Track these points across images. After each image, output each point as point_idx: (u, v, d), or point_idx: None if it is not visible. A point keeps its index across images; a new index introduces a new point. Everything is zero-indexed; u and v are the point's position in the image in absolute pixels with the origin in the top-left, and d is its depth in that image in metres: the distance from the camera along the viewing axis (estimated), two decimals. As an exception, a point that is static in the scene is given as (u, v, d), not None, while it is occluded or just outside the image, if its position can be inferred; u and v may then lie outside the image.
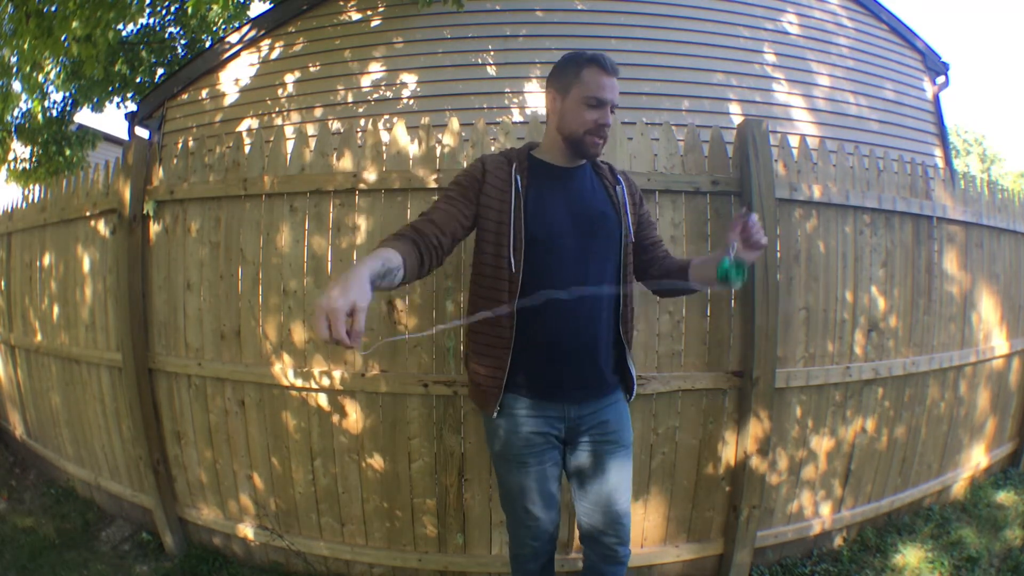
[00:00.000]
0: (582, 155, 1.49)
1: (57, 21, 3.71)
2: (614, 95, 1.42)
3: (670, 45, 4.77)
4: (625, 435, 1.56)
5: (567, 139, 1.47)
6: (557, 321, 1.43)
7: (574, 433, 1.52)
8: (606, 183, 1.56)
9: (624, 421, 1.57)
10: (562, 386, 1.48)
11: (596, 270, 1.47)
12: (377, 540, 2.20)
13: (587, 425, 1.51)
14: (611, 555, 1.56)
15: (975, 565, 2.28)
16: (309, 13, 5.13)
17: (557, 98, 1.46)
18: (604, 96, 1.40)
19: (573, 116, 1.43)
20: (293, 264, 2.17)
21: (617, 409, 1.55)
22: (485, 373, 1.49)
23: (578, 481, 1.57)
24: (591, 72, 1.40)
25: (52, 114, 7.09)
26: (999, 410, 3.03)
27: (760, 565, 2.26)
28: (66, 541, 2.57)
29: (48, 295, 2.97)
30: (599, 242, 1.48)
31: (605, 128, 1.43)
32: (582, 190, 1.52)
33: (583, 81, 1.41)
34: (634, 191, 1.62)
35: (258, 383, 2.22)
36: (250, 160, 2.25)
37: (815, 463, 2.32)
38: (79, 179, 2.79)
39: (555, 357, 1.45)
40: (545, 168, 1.51)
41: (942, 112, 5.80)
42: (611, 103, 1.42)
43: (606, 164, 1.62)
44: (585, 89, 1.40)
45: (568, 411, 1.49)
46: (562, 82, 1.45)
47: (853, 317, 2.34)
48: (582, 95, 1.41)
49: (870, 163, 2.41)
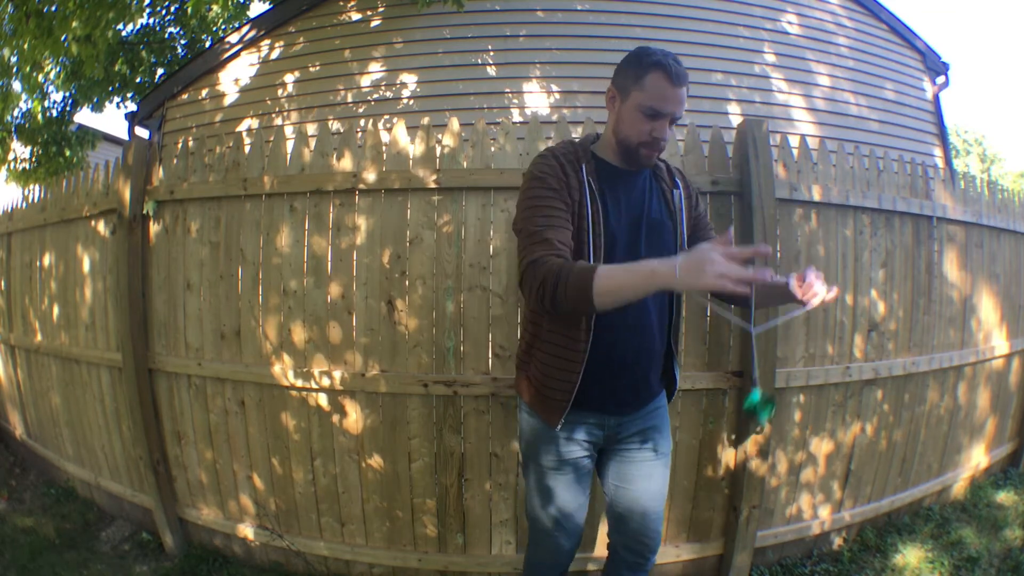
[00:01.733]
0: (634, 165, 1.41)
1: (57, 21, 3.71)
2: (677, 107, 1.29)
3: (670, 45, 4.69)
4: (663, 443, 1.51)
5: (620, 144, 1.38)
6: (624, 334, 1.38)
7: (612, 440, 1.49)
8: (664, 187, 1.48)
9: (664, 429, 1.53)
10: (615, 399, 1.43)
11: None
12: (377, 540, 2.20)
13: (626, 432, 1.47)
14: (639, 563, 1.52)
15: (975, 565, 2.28)
16: (309, 13, 5.13)
17: (616, 98, 1.36)
18: (665, 109, 1.28)
19: (629, 123, 1.33)
20: (293, 264, 2.17)
21: (659, 415, 1.51)
22: (555, 386, 1.41)
23: (613, 487, 1.52)
24: (655, 79, 1.27)
25: (52, 114, 7.09)
26: (999, 410, 3.03)
27: (760, 565, 2.26)
28: (66, 541, 2.57)
29: (48, 295, 2.97)
30: (658, 245, 1.40)
31: (662, 142, 1.33)
32: (641, 194, 1.43)
33: (644, 88, 1.28)
34: (691, 193, 1.54)
35: (258, 383, 2.22)
36: (250, 160, 2.25)
37: (815, 463, 2.32)
38: (79, 179, 2.80)
39: (618, 372, 1.41)
40: (609, 170, 1.42)
41: (942, 112, 5.80)
42: (672, 116, 1.31)
43: (664, 163, 1.52)
44: (646, 97, 1.28)
45: (608, 420, 1.45)
46: (623, 83, 1.33)
47: (853, 317, 2.34)
48: (640, 102, 1.29)
49: (870, 163, 2.41)
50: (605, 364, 1.39)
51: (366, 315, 2.11)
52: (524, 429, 1.52)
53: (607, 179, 1.40)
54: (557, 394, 1.40)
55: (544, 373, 1.43)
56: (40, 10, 3.70)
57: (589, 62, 4.66)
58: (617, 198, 1.40)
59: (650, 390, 1.49)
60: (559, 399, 1.40)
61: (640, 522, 1.49)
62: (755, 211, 2.05)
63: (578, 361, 1.37)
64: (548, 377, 1.41)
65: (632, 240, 1.39)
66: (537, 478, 1.50)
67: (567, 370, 1.38)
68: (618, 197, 1.40)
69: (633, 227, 1.39)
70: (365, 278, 2.11)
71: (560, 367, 1.39)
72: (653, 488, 1.49)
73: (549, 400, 1.42)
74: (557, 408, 1.41)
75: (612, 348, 1.38)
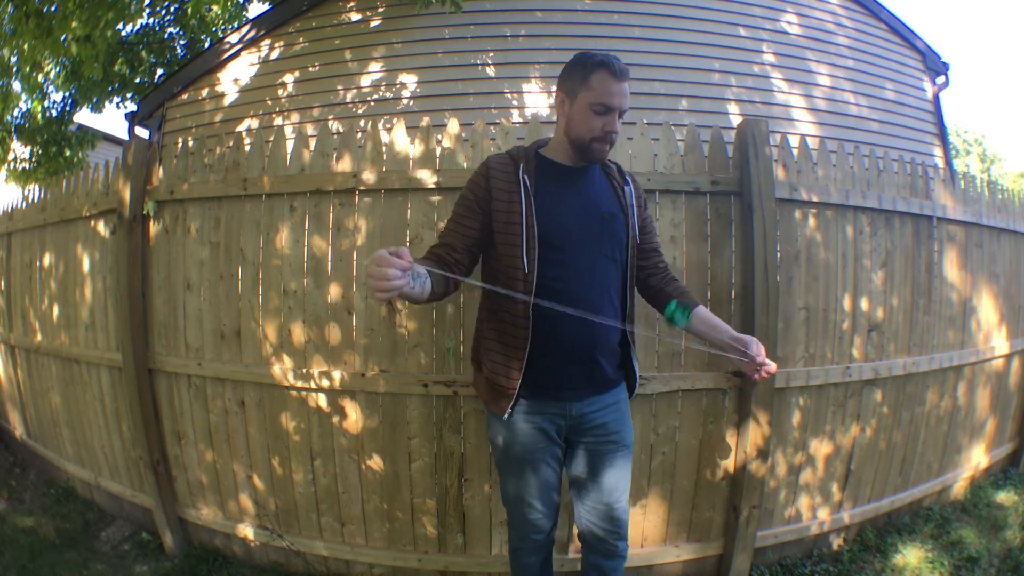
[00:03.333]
0: (588, 160, 1.48)
1: (57, 21, 3.71)
2: (623, 101, 1.39)
3: (670, 45, 4.77)
4: (626, 435, 1.57)
5: (573, 143, 1.45)
6: (568, 321, 1.42)
7: (575, 432, 1.53)
8: (614, 183, 1.56)
9: (625, 421, 1.58)
10: (569, 385, 1.48)
11: (604, 270, 1.48)
12: (377, 540, 2.20)
13: (588, 424, 1.52)
14: (610, 550, 1.58)
15: (975, 565, 2.28)
16: (309, 13, 5.13)
17: (565, 101, 1.44)
18: (612, 103, 1.37)
19: (580, 122, 1.41)
20: (293, 264, 2.17)
21: (619, 409, 1.56)
22: (501, 373, 1.49)
23: (579, 480, 1.58)
24: (599, 77, 1.37)
25: (52, 114, 7.08)
26: (999, 410, 3.03)
27: (760, 565, 2.26)
28: (66, 541, 2.57)
29: (48, 295, 2.97)
30: (607, 242, 1.48)
31: (613, 135, 1.41)
32: (591, 190, 1.52)
33: (591, 86, 1.38)
34: (640, 194, 1.62)
35: (258, 383, 2.22)
36: (250, 160, 2.25)
37: (815, 463, 2.32)
38: (79, 179, 2.79)
39: (566, 357, 1.47)
40: (554, 168, 1.50)
41: (942, 112, 5.80)
42: (619, 109, 1.39)
43: (614, 164, 1.61)
44: (593, 95, 1.38)
45: (570, 409, 1.50)
46: (570, 85, 1.42)
47: (853, 317, 2.34)
48: (589, 101, 1.38)
49: (870, 163, 2.41)
50: (550, 350, 1.45)
51: (366, 315, 2.11)
52: (489, 421, 1.60)
53: (552, 177, 1.49)
54: (504, 380, 1.48)
55: (491, 365, 1.51)
56: (40, 10, 3.70)
57: (589, 62, 4.65)
58: (563, 194, 1.48)
59: (605, 376, 1.52)
60: (506, 386, 1.48)
61: (608, 512, 1.55)
62: (755, 211, 2.05)
63: (521, 348, 1.44)
64: (496, 365, 1.50)
65: (588, 233, 1.46)
66: (503, 466, 1.59)
67: (511, 356, 1.46)
68: (565, 193, 1.48)
69: (587, 221, 1.47)
70: (365, 278, 2.11)
71: (505, 354, 1.47)
72: (616, 479, 1.54)
73: (498, 388, 1.50)
74: (504, 396, 1.48)
75: (554, 334, 1.44)
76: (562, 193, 1.48)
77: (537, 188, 1.46)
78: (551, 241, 1.43)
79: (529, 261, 1.42)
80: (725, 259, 2.14)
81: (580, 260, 1.45)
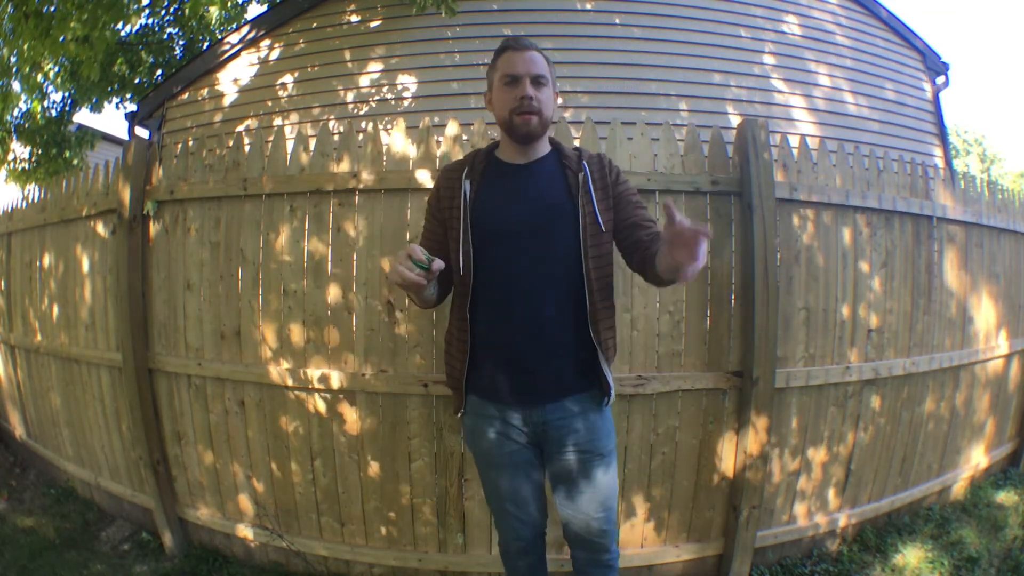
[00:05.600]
0: (520, 139, 1.43)
1: (56, 21, 3.71)
2: (528, 67, 1.39)
3: (670, 45, 4.77)
4: (599, 443, 1.47)
5: (504, 128, 1.46)
6: (502, 323, 1.42)
7: (544, 439, 1.47)
8: (568, 172, 1.47)
9: (597, 430, 1.47)
10: (519, 389, 1.44)
11: (552, 267, 1.42)
12: (377, 540, 2.20)
13: (556, 433, 1.45)
14: (596, 559, 1.56)
15: (975, 565, 2.28)
16: (308, 14, 5.13)
17: (487, 95, 1.50)
18: (517, 71, 1.39)
19: (499, 102, 1.44)
20: (293, 264, 2.17)
21: (587, 418, 1.46)
22: (449, 373, 1.54)
23: (556, 490, 1.53)
24: (503, 57, 1.43)
25: (51, 114, 7.08)
26: (999, 410, 3.03)
27: (760, 565, 2.26)
28: (66, 541, 2.57)
29: (48, 295, 2.97)
30: (555, 236, 1.42)
31: (528, 100, 1.38)
32: (539, 184, 1.46)
33: (497, 67, 1.44)
34: (606, 172, 1.49)
35: (258, 383, 2.22)
36: (250, 160, 2.25)
37: (815, 463, 2.32)
38: (79, 179, 2.80)
39: (508, 362, 1.43)
40: (500, 167, 1.50)
41: (942, 112, 5.80)
42: (528, 75, 1.39)
43: (577, 152, 1.52)
44: (501, 74, 1.42)
45: (531, 415, 1.45)
46: (488, 81, 1.49)
47: (853, 317, 2.34)
48: (499, 79, 1.43)
49: (870, 163, 2.41)
50: (489, 354, 1.46)
51: (366, 315, 2.11)
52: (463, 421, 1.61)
53: (498, 177, 1.49)
54: (452, 381, 1.54)
55: (446, 362, 1.57)
56: (39, 10, 3.70)
57: (589, 62, 4.66)
58: (507, 194, 1.46)
59: (561, 384, 1.44)
60: (454, 386, 1.54)
61: (584, 524, 1.51)
62: (755, 211, 2.05)
63: (463, 350, 1.48)
64: (447, 364, 1.56)
65: (533, 230, 1.42)
66: (478, 469, 1.62)
67: (457, 357, 1.50)
68: (508, 193, 1.46)
69: (531, 218, 1.43)
70: (365, 278, 2.11)
71: (453, 354, 1.53)
72: (593, 491, 1.48)
73: (452, 385, 1.55)
74: (456, 394, 1.54)
75: (490, 338, 1.45)
76: (506, 192, 1.46)
77: (479, 191, 1.46)
78: (488, 244, 1.42)
79: (465, 266, 1.42)
80: (725, 259, 2.14)
81: (520, 261, 1.40)
